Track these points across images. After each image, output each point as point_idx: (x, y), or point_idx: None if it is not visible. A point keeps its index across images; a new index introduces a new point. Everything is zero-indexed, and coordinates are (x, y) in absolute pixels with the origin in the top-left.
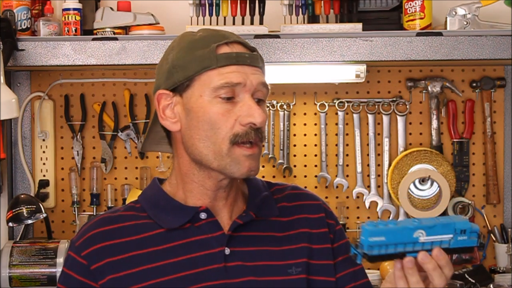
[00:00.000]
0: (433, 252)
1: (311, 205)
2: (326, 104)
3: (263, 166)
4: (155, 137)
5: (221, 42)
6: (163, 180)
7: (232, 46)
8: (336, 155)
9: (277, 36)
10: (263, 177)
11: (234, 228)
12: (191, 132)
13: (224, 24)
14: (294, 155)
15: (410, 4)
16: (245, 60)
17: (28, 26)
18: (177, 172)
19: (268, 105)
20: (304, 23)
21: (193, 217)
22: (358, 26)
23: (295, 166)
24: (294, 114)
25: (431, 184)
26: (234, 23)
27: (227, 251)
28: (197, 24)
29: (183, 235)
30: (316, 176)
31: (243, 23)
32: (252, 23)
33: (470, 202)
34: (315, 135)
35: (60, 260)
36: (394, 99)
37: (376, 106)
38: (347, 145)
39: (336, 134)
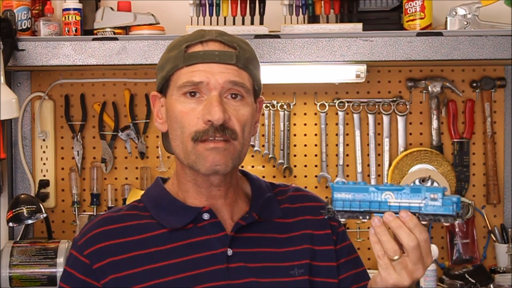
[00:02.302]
0: (399, 213)
1: (314, 206)
2: (326, 104)
3: (263, 166)
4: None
5: (193, 42)
6: (166, 179)
7: (206, 45)
8: (336, 155)
9: (277, 36)
10: (263, 177)
11: (237, 229)
12: (170, 132)
13: (224, 24)
14: (294, 155)
15: (410, 4)
16: (213, 58)
17: (28, 26)
18: (175, 173)
19: (268, 105)
20: (304, 23)
21: (196, 218)
22: (358, 26)
23: (295, 166)
24: (294, 114)
25: (431, 184)
26: (234, 23)
27: (230, 252)
28: (197, 24)
29: (185, 236)
30: (316, 176)
31: (243, 23)
32: (252, 23)
33: (470, 202)
34: (315, 135)
35: (60, 260)
36: (394, 99)
37: (376, 106)
38: (348, 145)
39: (336, 134)
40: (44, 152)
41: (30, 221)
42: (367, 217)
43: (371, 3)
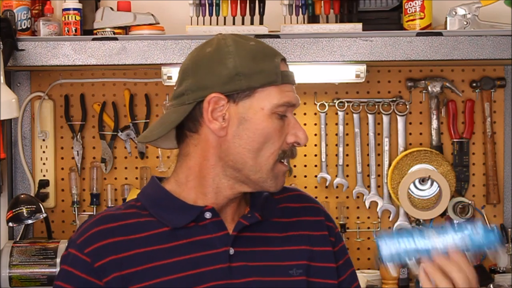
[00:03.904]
0: (449, 252)
1: (311, 207)
2: (326, 104)
3: None
4: (161, 131)
5: (281, 58)
6: (161, 178)
7: (285, 64)
8: (336, 155)
9: (277, 36)
10: None
11: (240, 229)
12: (241, 141)
13: (224, 24)
14: None
15: (410, 4)
16: (294, 81)
17: (28, 26)
18: (193, 173)
19: None
20: (304, 23)
21: (198, 217)
22: (358, 26)
23: (295, 166)
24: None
25: (431, 184)
26: (234, 23)
27: (232, 251)
28: (197, 24)
29: (187, 234)
30: (316, 176)
31: (243, 23)
32: (252, 23)
33: (470, 202)
34: (315, 135)
35: (60, 260)
36: (394, 99)
37: (376, 106)
38: (347, 145)
39: (336, 134)
40: (44, 152)
41: (30, 221)
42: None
43: (371, 3)
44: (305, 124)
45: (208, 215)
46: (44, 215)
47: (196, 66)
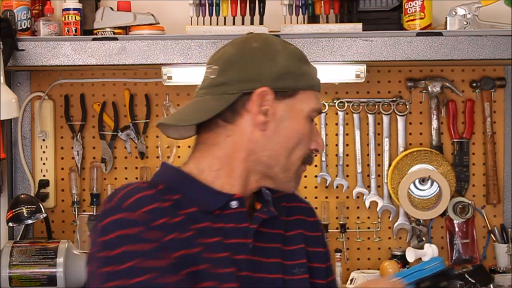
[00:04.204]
0: None
1: (306, 208)
2: (326, 104)
3: None
4: (199, 117)
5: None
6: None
7: None
8: (336, 155)
9: (277, 36)
10: None
11: (259, 223)
12: (279, 139)
13: (224, 24)
14: None
15: (410, 4)
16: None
17: (28, 26)
18: (219, 163)
19: None
20: (304, 23)
21: (225, 204)
22: (358, 26)
23: None
24: None
25: (431, 184)
26: (234, 23)
27: (251, 245)
28: (197, 24)
29: (213, 220)
30: (316, 176)
31: (243, 23)
32: (252, 23)
33: (470, 202)
34: None
35: (60, 260)
36: (394, 99)
37: (376, 106)
38: (347, 145)
39: (336, 134)
40: (44, 152)
41: (30, 221)
42: None
43: (371, 3)
44: None
45: (234, 204)
46: (44, 215)
47: (242, 58)
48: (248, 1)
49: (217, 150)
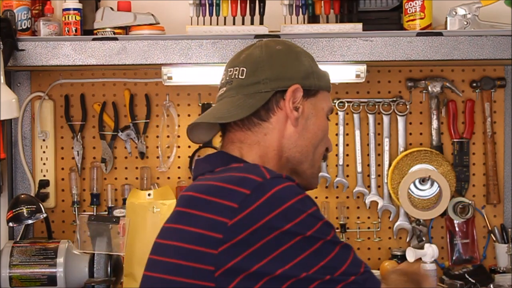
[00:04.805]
0: None
1: None
2: None
3: None
4: (240, 113)
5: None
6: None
7: None
8: (336, 155)
9: (277, 36)
10: None
11: None
12: (308, 135)
13: (225, 24)
14: None
15: (410, 4)
16: None
17: (28, 26)
18: (263, 161)
19: None
20: (304, 23)
21: None
22: (358, 26)
23: None
24: None
25: (431, 184)
26: (234, 23)
27: None
28: (197, 24)
29: None
30: None
31: (243, 23)
32: (252, 23)
33: (470, 202)
34: None
35: (60, 260)
36: (394, 99)
37: (376, 106)
38: (347, 145)
39: (336, 134)
40: (44, 152)
41: (30, 221)
42: None
43: (371, 3)
44: None
45: None
46: (44, 215)
47: (271, 59)
48: (248, 1)
49: (258, 148)
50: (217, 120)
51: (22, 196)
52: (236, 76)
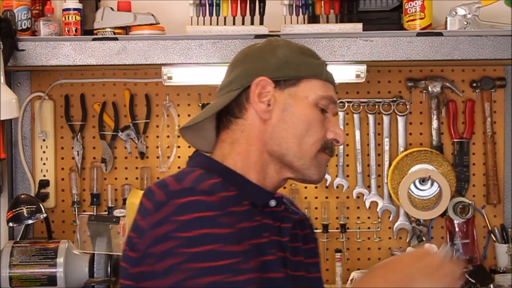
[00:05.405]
0: None
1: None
2: None
3: None
4: (202, 115)
5: (327, 62)
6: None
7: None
8: (336, 155)
9: (278, 36)
10: None
11: (293, 222)
12: (285, 125)
13: (225, 24)
14: None
15: (410, 4)
16: (335, 83)
17: (28, 26)
18: (242, 159)
19: None
20: (304, 23)
21: (267, 203)
22: (358, 26)
23: None
24: None
25: (432, 184)
26: (234, 23)
27: (289, 243)
28: (197, 24)
29: (262, 215)
30: None
31: (243, 23)
32: (252, 23)
33: (470, 202)
34: None
35: (60, 260)
36: (394, 99)
37: (376, 106)
38: (347, 145)
39: None
40: (44, 152)
41: (30, 221)
42: None
43: (371, 3)
44: None
45: (273, 203)
46: (44, 215)
47: (246, 57)
48: (248, 1)
49: (237, 146)
50: (189, 123)
51: (22, 196)
52: (224, 78)
